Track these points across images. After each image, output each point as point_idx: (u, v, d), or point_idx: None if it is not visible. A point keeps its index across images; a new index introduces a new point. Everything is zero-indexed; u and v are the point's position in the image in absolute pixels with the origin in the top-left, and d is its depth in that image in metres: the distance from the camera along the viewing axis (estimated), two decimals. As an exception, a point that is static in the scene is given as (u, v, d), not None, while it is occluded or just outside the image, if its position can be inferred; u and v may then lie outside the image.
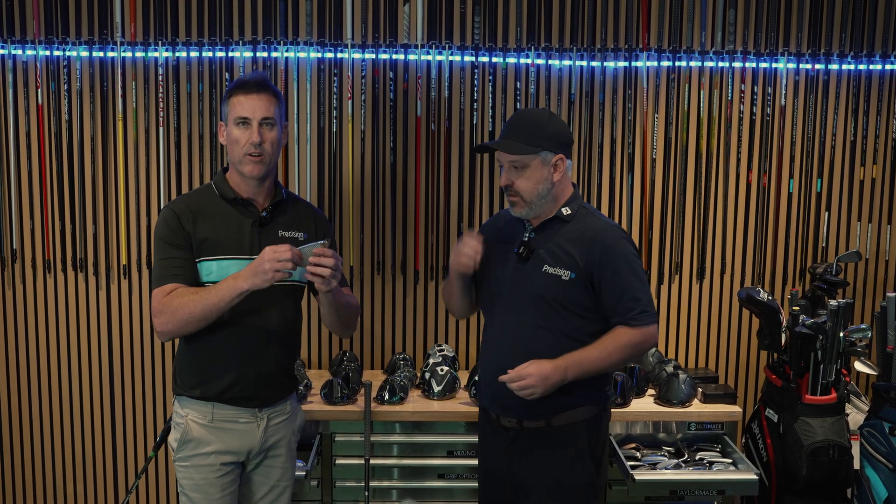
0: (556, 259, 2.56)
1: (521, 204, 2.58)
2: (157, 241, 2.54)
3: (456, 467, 3.39)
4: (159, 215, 2.58)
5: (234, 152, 2.53)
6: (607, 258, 2.52)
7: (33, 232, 3.81)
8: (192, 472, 2.57)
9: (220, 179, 2.61)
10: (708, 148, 3.86)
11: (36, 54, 3.69)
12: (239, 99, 2.51)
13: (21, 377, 3.92)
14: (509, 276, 2.63)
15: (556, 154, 2.56)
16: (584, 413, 2.59)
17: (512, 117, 2.64)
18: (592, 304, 2.57)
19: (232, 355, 2.54)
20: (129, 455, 3.98)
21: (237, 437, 2.58)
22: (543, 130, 2.54)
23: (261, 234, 2.56)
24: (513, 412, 2.62)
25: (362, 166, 3.80)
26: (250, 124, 2.49)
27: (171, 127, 3.75)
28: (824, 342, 3.34)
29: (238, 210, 2.57)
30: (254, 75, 2.60)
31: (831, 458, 3.33)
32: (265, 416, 2.62)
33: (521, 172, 2.56)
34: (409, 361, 3.75)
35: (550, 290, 2.55)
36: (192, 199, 2.59)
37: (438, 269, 3.87)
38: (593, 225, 2.58)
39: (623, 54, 3.77)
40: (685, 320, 3.98)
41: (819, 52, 3.81)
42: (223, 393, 2.55)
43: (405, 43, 3.73)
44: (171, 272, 2.48)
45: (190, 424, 2.57)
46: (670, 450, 3.46)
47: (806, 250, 3.95)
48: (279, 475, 2.71)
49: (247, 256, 2.51)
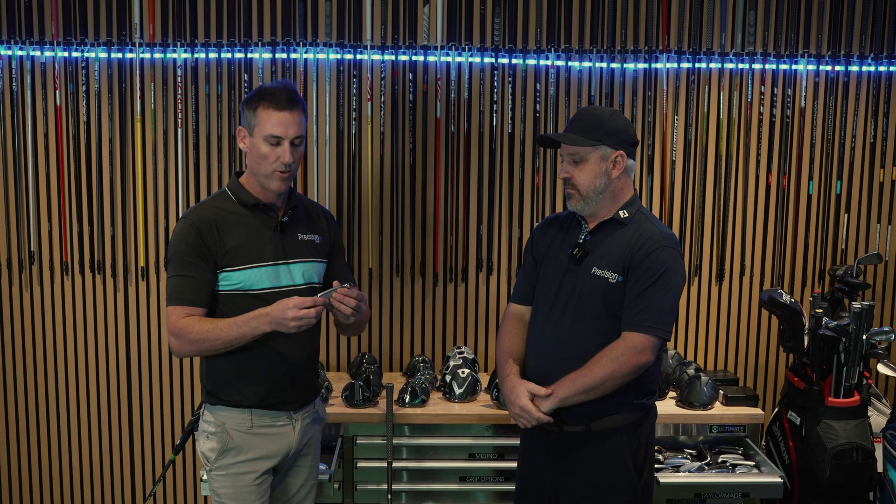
0: (606, 261, 2.55)
1: (577, 197, 2.57)
2: (174, 254, 2.48)
3: (477, 470, 3.37)
4: (177, 226, 2.52)
5: (261, 166, 2.48)
6: (644, 261, 2.50)
7: (51, 234, 3.79)
8: (232, 481, 2.55)
9: (235, 185, 2.56)
10: (727, 150, 3.86)
11: (54, 56, 3.68)
12: (270, 114, 2.44)
13: (38, 379, 3.90)
14: (560, 276, 2.61)
15: (615, 150, 2.54)
16: (623, 419, 2.57)
17: (576, 112, 2.65)
18: None
19: (266, 362, 2.53)
20: (146, 459, 3.97)
21: (275, 441, 2.58)
22: (604, 125, 2.54)
23: (283, 240, 2.56)
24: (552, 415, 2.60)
25: (381, 168, 3.79)
26: (282, 143, 2.46)
27: (189, 128, 3.74)
28: (847, 345, 3.32)
29: (258, 216, 2.54)
30: (283, 87, 2.50)
31: (854, 460, 3.32)
32: (299, 417, 2.63)
33: (580, 166, 2.55)
34: (429, 364, 3.74)
35: (596, 292, 2.54)
36: (210, 210, 2.52)
37: (457, 272, 3.86)
38: (647, 230, 2.56)
39: (643, 56, 3.76)
40: (704, 322, 3.97)
41: (839, 53, 3.80)
42: (262, 399, 2.54)
43: (425, 44, 3.72)
44: (188, 296, 2.46)
45: (230, 433, 2.55)
46: (692, 452, 3.45)
47: (825, 252, 3.94)
48: (307, 474, 2.73)
49: (271, 263, 2.51)
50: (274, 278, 2.52)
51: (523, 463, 2.80)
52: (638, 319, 2.49)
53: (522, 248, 3.86)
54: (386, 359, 3.94)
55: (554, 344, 2.60)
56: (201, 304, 2.48)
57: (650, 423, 2.68)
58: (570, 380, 2.51)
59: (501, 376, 2.68)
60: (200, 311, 2.48)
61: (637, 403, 2.60)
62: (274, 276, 2.52)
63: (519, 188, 3.83)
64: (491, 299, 3.91)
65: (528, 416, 2.55)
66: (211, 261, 2.47)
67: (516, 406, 2.57)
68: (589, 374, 2.48)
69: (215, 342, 2.42)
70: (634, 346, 2.48)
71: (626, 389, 2.52)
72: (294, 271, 2.55)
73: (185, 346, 2.45)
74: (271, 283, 2.51)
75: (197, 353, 2.49)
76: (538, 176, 3.82)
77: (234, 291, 2.50)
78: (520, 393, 2.57)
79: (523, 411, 2.55)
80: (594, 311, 2.55)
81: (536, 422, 2.55)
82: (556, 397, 2.52)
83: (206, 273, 2.47)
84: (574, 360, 2.53)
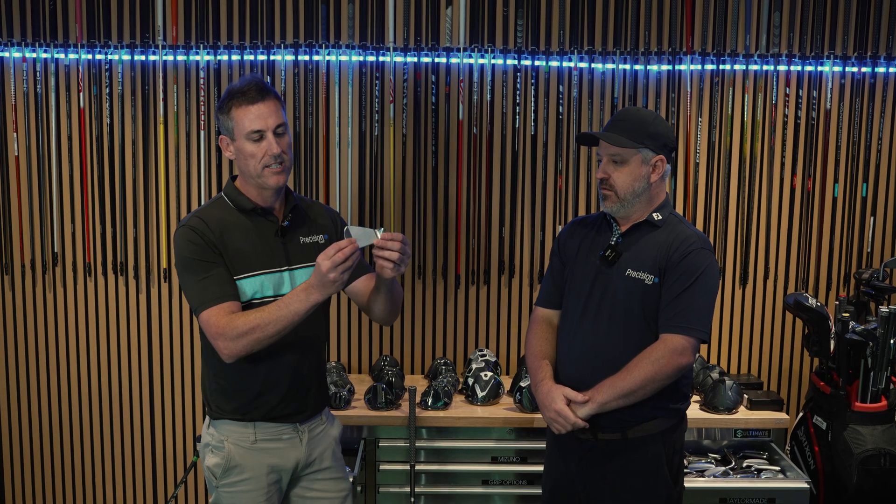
0: (641, 263, 2.52)
1: (614, 198, 2.54)
2: (187, 262, 2.35)
3: (500, 473, 3.36)
4: (175, 236, 2.39)
5: (250, 166, 2.36)
6: (680, 263, 2.47)
7: (74, 235, 3.81)
8: (238, 497, 2.47)
9: (232, 190, 2.44)
10: (752, 152, 3.83)
11: (78, 58, 3.69)
12: (245, 110, 2.33)
13: (61, 380, 3.92)
14: (591, 279, 2.58)
15: (657, 154, 2.52)
16: (659, 425, 2.54)
17: (618, 112, 2.62)
18: None
19: (270, 373, 2.43)
20: (168, 460, 3.97)
21: (281, 454, 2.48)
22: (647, 128, 2.51)
23: (284, 244, 2.46)
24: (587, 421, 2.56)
25: (404, 170, 3.79)
26: (265, 136, 2.34)
27: (212, 130, 3.74)
28: (874, 349, 3.29)
29: (257, 222, 2.43)
30: (250, 81, 2.38)
31: (882, 466, 3.29)
32: (306, 429, 2.52)
33: (620, 167, 2.52)
34: (451, 366, 3.73)
35: (632, 294, 2.51)
36: (209, 214, 2.40)
37: (479, 274, 3.85)
38: (681, 232, 2.53)
39: (666, 57, 3.74)
40: (728, 325, 3.94)
41: (865, 54, 3.77)
42: (268, 412, 2.45)
43: (447, 46, 3.71)
44: (220, 291, 2.33)
45: (231, 450, 2.45)
46: (716, 457, 3.43)
47: (851, 255, 3.91)
48: (333, 486, 2.61)
49: (276, 269, 2.43)
50: (276, 286, 2.42)
51: (553, 469, 2.76)
52: (677, 321, 2.46)
53: (545, 250, 3.84)
54: (407, 361, 3.94)
55: (588, 349, 2.56)
56: (233, 296, 2.34)
57: (683, 428, 2.65)
58: (609, 384, 2.46)
59: (535, 380, 2.63)
60: (236, 305, 2.33)
61: (673, 408, 2.57)
62: (276, 284, 2.42)
63: (542, 191, 3.81)
64: (513, 302, 3.90)
65: (563, 422, 2.50)
66: (223, 256, 2.36)
67: (552, 410, 2.52)
68: (628, 378, 2.44)
69: (267, 327, 2.26)
70: (674, 347, 2.45)
71: (663, 394, 2.49)
72: (298, 277, 2.44)
73: (234, 343, 2.28)
74: (274, 292, 2.41)
75: (250, 348, 2.29)
76: (561, 178, 3.80)
77: (246, 301, 2.40)
78: (555, 397, 2.52)
79: (559, 416, 2.50)
80: (629, 314, 2.52)
81: (572, 427, 2.50)
82: (594, 402, 2.47)
83: (221, 267, 2.35)
84: (609, 364, 2.49)
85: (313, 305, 2.26)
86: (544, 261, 3.83)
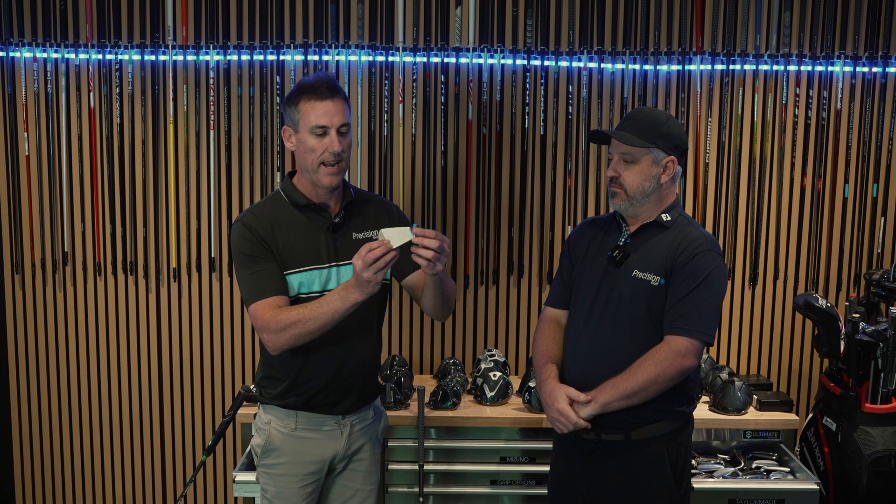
0: (647, 264, 2.52)
1: (623, 197, 2.54)
2: (239, 256, 2.45)
3: (508, 473, 3.36)
4: (231, 231, 2.51)
5: (308, 160, 2.43)
6: (687, 264, 2.47)
7: (84, 235, 3.82)
8: (275, 480, 2.56)
9: (288, 186, 2.52)
10: (762, 152, 3.82)
11: (88, 58, 3.71)
12: (313, 105, 2.40)
13: (71, 379, 3.93)
14: (599, 279, 2.58)
15: (668, 155, 2.52)
16: (663, 427, 2.53)
17: (631, 111, 2.61)
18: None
19: (310, 364, 2.49)
20: (178, 459, 3.99)
21: (320, 444, 2.55)
22: (660, 128, 2.51)
23: (335, 240, 2.50)
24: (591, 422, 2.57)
25: (413, 170, 3.79)
26: (329, 133, 2.42)
27: (221, 130, 3.75)
28: (885, 350, 3.28)
29: (310, 217, 2.49)
30: (322, 78, 2.45)
31: (892, 468, 3.28)
32: (348, 423, 2.58)
33: (630, 166, 2.52)
34: (460, 366, 3.73)
35: (638, 295, 2.50)
36: (262, 211, 2.49)
37: (488, 274, 3.85)
38: (689, 233, 2.53)
39: (676, 58, 3.73)
40: (737, 326, 3.93)
41: (876, 54, 3.76)
42: (307, 402, 2.52)
43: (457, 46, 3.71)
44: (268, 286, 2.40)
45: (272, 433, 2.55)
46: (725, 458, 3.42)
47: (861, 256, 3.89)
48: (363, 479, 2.66)
49: (326, 265, 2.47)
50: (323, 282, 2.47)
51: (557, 468, 2.76)
52: (681, 323, 2.46)
53: (554, 251, 3.84)
54: (416, 361, 3.94)
55: (593, 349, 2.56)
56: (281, 291, 2.41)
57: (689, 431, 2.64)
58: (612, 385, 2.47)
59: (539, 380, 2.64)
60: (284, 300, 2.41)
61: (678, 411, 2.56)
62: (323, 280, 2.47)
63: (551, 191, 3.81)
64: (522, 302, 3.89)
65: (565, 421, 2.51)
66: (273, 256, 2.43)
67: (554, 410, 2.53)
68: (631, 379, 2.44)
69: (308, 323, 2.32)
70: (678, 349, 2.44)
71: (668, 396, 2.49)
72: (345, 274, 2.47)
73: (277, 337, 2.36)
74: (320, 287, 2.47)
75: (292, 342, 2.37)
76: (570, 179, 3.80)
77: (298, 295, 2.46)
78: (558, 397, 2.53)
79: (561, 415, 2.51)
80: (634, 315, 2.51)
81: (574, 427, 2.51)
82: (596, 402, 2.48)
83: (272, 262, 2.42)
84: (614, 365, 2.49)
85: (353, 304, 2.30)
86: (553, 261, 3.83)
